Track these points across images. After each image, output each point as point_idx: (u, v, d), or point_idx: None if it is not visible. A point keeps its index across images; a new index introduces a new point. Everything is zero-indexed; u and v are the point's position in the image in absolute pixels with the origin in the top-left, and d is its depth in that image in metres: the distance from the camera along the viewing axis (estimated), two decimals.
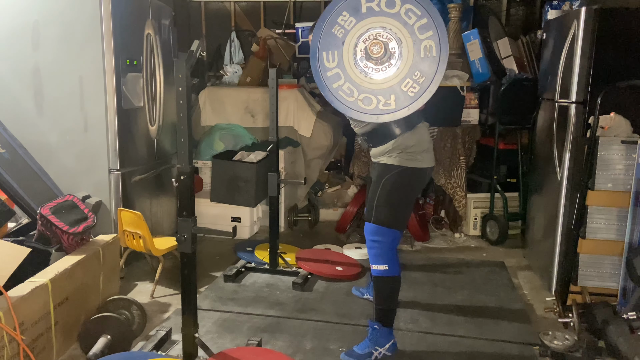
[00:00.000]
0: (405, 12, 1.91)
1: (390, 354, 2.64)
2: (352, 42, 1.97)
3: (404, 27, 1.92)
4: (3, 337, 2.10)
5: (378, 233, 2.58)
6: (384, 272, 2.59)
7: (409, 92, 1.98)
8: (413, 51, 1.93)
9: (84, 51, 3.35)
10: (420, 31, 1.91)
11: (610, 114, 2.96)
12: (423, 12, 1.90)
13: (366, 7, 1.93)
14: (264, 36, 5.37)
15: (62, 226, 2.80)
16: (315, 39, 2.01)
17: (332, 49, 2.00)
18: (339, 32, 1.98)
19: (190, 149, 2.16)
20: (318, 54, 2.01)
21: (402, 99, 1.99)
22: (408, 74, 1.96)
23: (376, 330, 2.63)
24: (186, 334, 2.30)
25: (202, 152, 4.75)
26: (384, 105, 2.02)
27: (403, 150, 2.52)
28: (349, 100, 2.03)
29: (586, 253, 3.06)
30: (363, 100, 2.03)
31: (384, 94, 2.00)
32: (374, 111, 2.04)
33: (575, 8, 3.46)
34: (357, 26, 1.96)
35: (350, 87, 2.02)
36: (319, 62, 2.01)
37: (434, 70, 1.94)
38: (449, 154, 4.38)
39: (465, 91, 4.34)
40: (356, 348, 2.65)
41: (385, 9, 1.91)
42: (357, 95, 2.02)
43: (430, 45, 1.92)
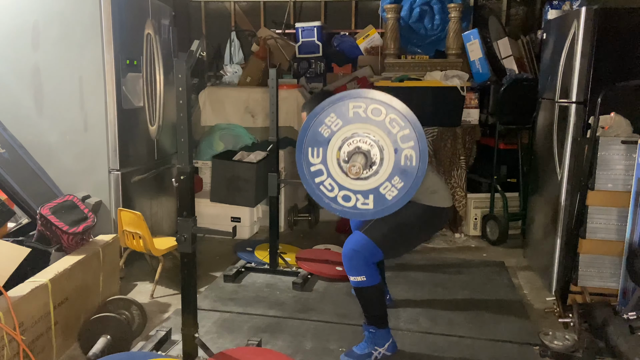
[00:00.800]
0: (389, 121, 2.00)
1: (390, 354, 2.64)
2: (337, 144, 2.07)
3: (387, 135, 2.02)
4: (3, 337, 2.10)
5: (363, 245, 2.54)
6: (362, 283, 2.55)
7: (387, 195, 2.08)
8: (394, 158, 2.03)
9: (84, 51, 3.35)
10: (402, 140, 2.01)
11: (610, 114, 2.96)
12: (406, 124, 1.99)
13: (353, 112, 2.02)
14: (264, 36, 5.37)
15: (62, 226, 2.79)
16: (302, 134, 2.11)
17: (318, 146, 2.09)
18: (326, 132, 2.07)
19: (190, 149, 2.16)
20: (303, 149, 2.10)
21: (380, 201, 2.10)
22: (388, 178, 2.06)
23: (373, 333, 2.63)
24: (186, 334, 2.30)
25: (202, 152, 4.75)
26: (362, 204, 2.11)
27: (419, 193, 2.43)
28: (329, 195, 2.13)
29: (586, 253, 3.06)
30: (342, 197, 2.12)
31: (363, 194, 2.10)
32: (352, 208, 2.13)
33: (575, 8, 3.47)
34: (344, 129, 2.05)
35: (332, 183, 2.11)
36: (304, 156, 2.11)
37: (412, 178, 2.04)
38: (449, 154, 4.38)
39: (465, 91, 4.34)
40: (356, 348, 2.64)
41: (371, 116, 2.01)
42: (338, 192, 2.12)
43: (410, 155, 2.01)
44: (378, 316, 2.64)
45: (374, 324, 2.63)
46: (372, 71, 5.22)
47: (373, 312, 2.63)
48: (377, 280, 2.57)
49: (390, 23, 4.76)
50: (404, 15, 4.92)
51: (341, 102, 2.03)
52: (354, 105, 2.02)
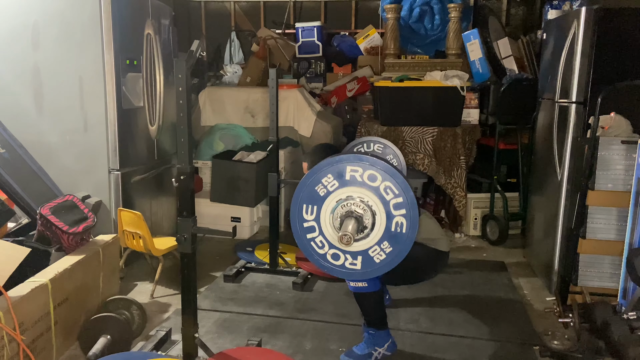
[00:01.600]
0: (384, 188, 2.05)
1: (390, 354, 2.65)
2: (332, 204, 2.12)
3: (381, 201, 2.06)
4: (3, 337, 2.10)
5: None
6: (362, 288, 2.56)
7: (375, 258, 2.13)
8: (385, 224, 2.08)
9: (84, 51, 3.35)
10: (395, 207, 2.06)
11: (610, 114, 2.95)
12: (400, 192, 2.04)
13: (350, 175, 2.07)
14: (264, 36, 5.38)
15: (62, 226, 2.79)
16: (299, 189, 2.16)
17: (312, 204, 2.14)
18: (321, 191, 2.12)
19: (190, 149, 2.16)
20: (298, 204, 2.17)
21: (368, 263, 2.14)
22: (377, 242, 2.11)
23: (372, 334, 2.65)
24: (186, 334, 2.30)
25: (202, 152, 4.75)
26: (350, 264, 2.16)
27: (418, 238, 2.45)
28: (319, 252, 2.18)
29: (586, 253, 3.06)
30: (332, 255, 2.17)
31: (352, 254, 2.15)
32: (340, 267, 2.18)
33: (575, 8, 3.47)
34: (339, 191, 2.10)
35: (323, 240, 2.16)
36: (298, 211, 2.18)
37: (402, 244, 2.09)
38: (449, 154, 4.38)
39: (465, 91, 4.34)
40: (356, 348, 2.65)
41: (367, 181, 2.06)
42: (328, 250, 2.16)
43: (401, 222, 2.06)
44: (378, 319, 2.66)
45: (373, 326, 2.65)
46: (372, 71, 5.23)
47: (373, 317, 2.66)
48: (377, 287, 2.59)
49: (390, 23, 4.76)
50: (404, 15, 4.92)
51: (340, 164, 2.08)
52: (351, 169, 2.07)
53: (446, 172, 4.39)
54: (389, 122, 4.45)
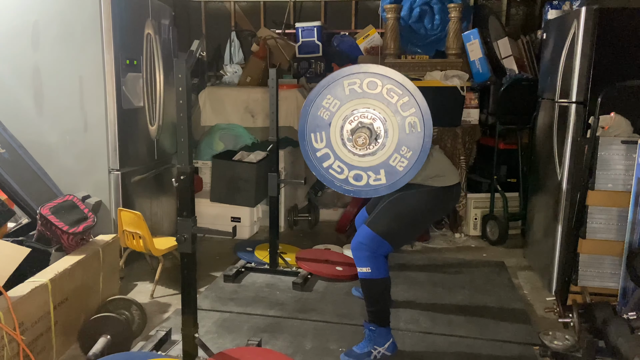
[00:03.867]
0: (387, 92, 1.98)
1: (390, 354, 2.63)
2: (339, 124, 2.05)
3: (387, 106, 1.99)
4: (3, 337, 2.10)
5: (370, 238, 2.52)
6: (367, 274, 2.54)
7: (397, 166, 2.07)
8: (398, 128, 2.01)
9: (84, 51, 3.35)
10: (403, 109, 1.99)
11: (610, 114, 2.96)
12: (404, 91, 1.97)
13: (349, 89, 2.00)
14: (264, 36, 5.37)
15: (62, 226, 2.80)
16: (302, 121, 2.09)
17: (320, 131, 2.08)
18: (325, 115, 2.05)
19: (190, 149, 2.16)
20: (306, 136, 2.09)
21: (392, 174, 2.08)
22: (395, 149, 2.04)
23: (373, 332, 2.62)
24: (186, 334, 2.30)
25: (202, 152, 4.75)
26: (374, 180, 2.10)
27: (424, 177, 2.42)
28: (340, 178, 2.11)
29: (586, 253, 3.06)
30: (354, 177, 2.11)
31: (374, 169, 2.08)
32: (365, 187, 2.11)
33: (575, 8, 3.46)
34: (342, 108, 2.04)
35: (341, 165, 2.10)
36: (308, 143, 2.10)
37: (420, 144, 2.02)
38: (449, 154, 4.37)
39: (465, 91, 4.34)
40: (355, 348, 2.64)
41: (368, 90, 1.99)
42: (348, 173, 2.10)
43: (414, 122, 2.00)
44: (379, 312, 2.61)
45: (374, 320, 2.61)
46: None
47: (375, 307, 2.60)
48: (383, 274, 2.55)
49: (390, 23, 4.76)
50: (404, 15, 4.91)
51: (335, 82, 2.01)
52: (348, 82, 2.00)
53: None
54: None
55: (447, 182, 2.56)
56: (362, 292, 2.65)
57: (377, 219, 2.53)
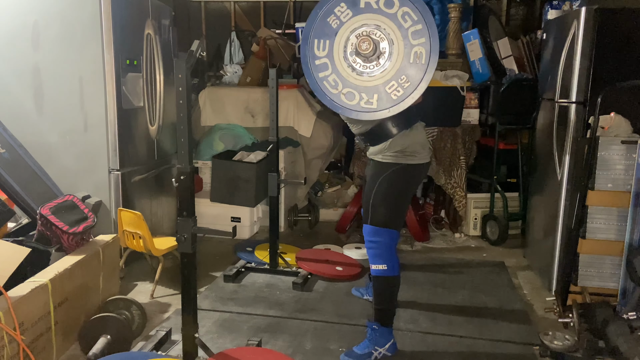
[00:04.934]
0: (402, 14, 1.89)
1: (391, 354, 2.64)
2: (345, 35, 1.96)
3: (399, 29, 1.91)
4: (3, 337, 2.10)
5: (376, 234, 2.59)
6: (382, 271, 2.59)
7: (392, 94, 1.98)
8: (403, 55, 1.93)
9: (84, 51, 3.35)
10: (414, 36, 1.90)
11: (610, 114, 2.96)
12: (419, 18, 1.88)
13: (365, 2, 1.91)
14: (264, 36, 5.37)
15: (62, 226, 2.80)
16: (309, 23, 2.00)
17: (325, 38, 1.98)
18: (334, 23, 1.96)
19: (190, 149, 2.16)
20: (310, 40, 1.99)
21: (385, 100, 2.00)
22: (394, 76, 1.96)
23: (375, 331, 2.63)
24: (186, 334, 2.30)
25: (202, 152, 4.75)
26: (365, 103, 2.02)
27: (399, 149, 2.55)
28: (332, 92, 2.03)
29: (586, 253, 3.06)
30: (346, 95, 2.02)
31: (368, 92, 2.00)
32: (354, 107, 2.03)
33: (575, 8, 3.46)
34: (353, 20, 1.95)
35: (336, 79, 2.01)
36: (310, 48, 2.00)
37: (420, 78, 1.94)
38: (449, 154, 4.38)
39: (465, 91, 4.34)
40: (356, 348, 2.64)
41: (383, 7, 1.90)
42: (341, 89, 2.02)
43: (420, 52, 1.91)
44: (386, 310, 2.65)
45: (379, 319, 2.64)
46: None
47: (383, 305, 2.64)
48: (396, 272, 2.60)
49: None
50: None
51: None
52: None
53: (446, 172, 4.39)
54: None
55: (421, 160, 2.64)
56: (373, 289, 2.68)
57: (374, 212, 2.60)
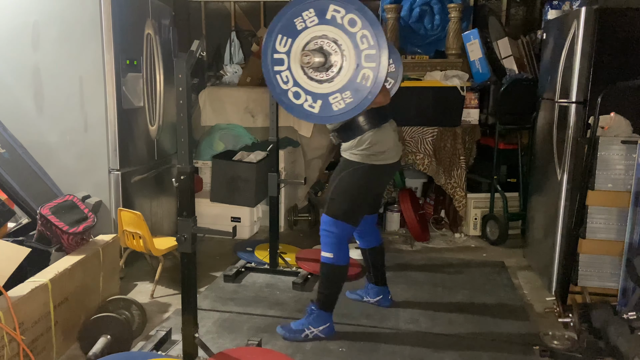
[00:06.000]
0: (361, 36, 1.99)
1: (324, 336, 2.77)
2: (306, 39, 2.05)
3: (354, 48, 2.01)
4: (3, 337, 2.10)
5: (331, 224, 2.75)
6: (329, 259, 2.76)
7: (334, 105, 2.08)
8: (352, 73, 2.02)
9: (84, 51, 3.35)
10: (366, 59, 2.00)
11: (610, 114, 2.96)
12: (375, 44, 1.98)
13: (332, 14, 2.01)
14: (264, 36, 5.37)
15: (62, 226, 2.80)
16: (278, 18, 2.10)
17: (287, 36, 2.08)
18: (299, 24, 2.05)
19: (190, 149, 2.16)
20: (274, 33, 2.09)
21: (326, 109, 2.09)
22: (340, 90, 2.05)
23: (313, 312, 2.79)
24: (186, 334, 2.30)
25: (202, 152, 4.75)
26: (309, 106, 2.11)
27: (367, 147, 2.70)
28: (282, 87, 2.12)
29: (586, 253, 3.06)
30: (294, 93, 2.11)
31: (313, 96, 2.09)
32: (297, 108, 2.12)
33: (575, 8, 3.46)
34: (317, 27, 2.04)
35: (288, 76, 2.10)
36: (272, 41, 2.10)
37: (361, 98, 2.03)
38: (449, 154, 4.38)
39: (465, 91, 4.34)
40: (292, 324, 2.81)
41: (346, 25, 2.00)
42: (291, 86, 2.11)
43: (368, 75, 2.01)
44: (328, 296, 2.79)
45: (319, 302, 2.80)
46: None
47: (326, 291, 2.80)
48: (342, 262, 2.77)
49: (390, 23, 4.76)
50: (404, 15, 4.91)
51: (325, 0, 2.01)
52: (334, 8, 2.00)
53: (446, 172, 4.39)
54: None
55: (388, 160, 2.77)
56: (320, 273, 2.84)
57: (331, 204, 2.76)
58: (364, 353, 2.68)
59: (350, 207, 2.75)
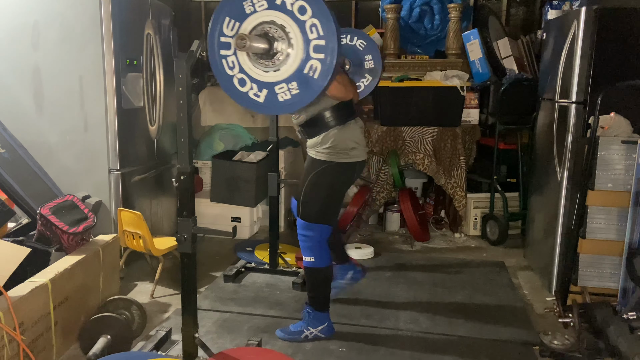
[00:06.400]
0: (310, 25, 1.89)
1: (324, 336, 2.77)
2: (253, 23, 1.95)
3: (302, 37, 1.91)
4: (3, 337, 2.10)
5: (307, 228, 2.72)
6: (311, 263, 2.74)
7: (279, 96, 2.00)
8: (299, 63, 1.93)
9: (84, 51, 3.35)
10: (315, 50, 1.90)
11: (610, 114, 2.95)
12: (325, 35, 1.88)
13: (281, 0, 1.90)
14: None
15: (62, 226, 2.80)
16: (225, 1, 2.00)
17: (235, 19, 1.97)
18: (248, 8, 1.95)
19: (190, 149, 2.16)
20: (222, 15, 1.99)
21: (271, 99, 2.01)
22: (286, 80, 1.96)
23: (309, 314, 2.79)
24: (186, 334, 2.30)
25: (202, 152, 4.75)
26: (254, 94, 2.03)
27: (331, 145, 2.68)
28: (228, 73, 2.04)
29: (586, 253, 3.06)
30: (239, 80, 2.04)
31: (259, 85, 2.01)
32: (243, 96, 2.05)
33: (575, 8, 3.46)
34: (265, 12, 1.93)
35: (235, 61, 2.02)
36: (220, 24, 2.00)
37: (309, 90, 1.94)
38: (449, 154, 4.38)
39: (465, 91, 4.34)
40: (291, 326, 2.81)
41: (296, 12, 1.90)
42: (236, 72, 2.03)
43: (316, 67, 1.91)
44: (319, 297, 2.79)
45: (313, 304, 2.79)
46: None
47: (314, 293, 2.80)
48: (325, 263, 2.75)
49: (390, 23, 4.76)
50: (404, 15, 4.91)
51: None
52: None
53: (446, 172, 4.39)
54: (389, 122, 4.45)
55: (354, 158, 2.75)
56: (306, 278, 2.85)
57: (304, 208, 2.74)
58: (364, 353, 2.68)
59: (323, 208, 2.73)
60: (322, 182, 2.71)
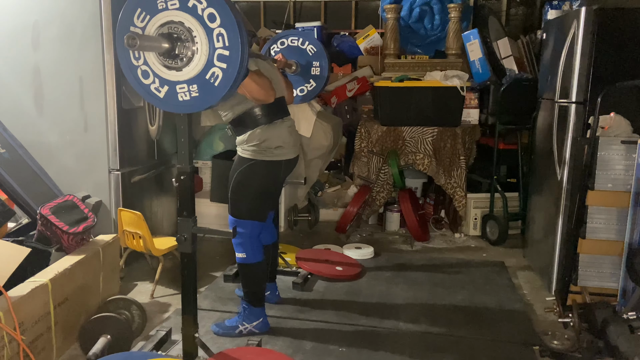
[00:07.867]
0: (217, 33, 1.91)
1: (259, 332, 2.82)
2: (162, 21, 1.96)
3: (208, 43, 1.93)
4: (3, 337, 2.10)
5: (240, 225, 2.75)
6: (243, 259, 2.78)
7: (179, 95, 2.02)
8: (201, 68, 1.95)
9: (84, 51, 3.35)
10: (219, 58, 1.92)
11: (610, 114, 2.96)
12: (231, 47, 1.90)
13: (193, 3, 1.91)
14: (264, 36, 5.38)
15: (62, 226, 2.80)
16: None
17: (146, 12, 1.98)
18: (160, 4, 1.96)
19: (190, 149, 2.16)
20: (134, 5, 2.00)
21: (170, 97, 2.03)
22: (187, 81, 1.98)
23: (245, 309, 2.83)
24: (186, 334, 2.30)
25: (202, 152, 4.75)
26: (155, 89, 2.04)
27: (257, 143, 2.72)
28: (134, 64, 2.04)
29: (586, 253, 3.06)
30: (143, 72, 2.04)
31: (161, 82, 2.02)
32: (144, 88, 2.05)
33: (575, 8, 3.46)
34: (176, 12, 1.94)
35: (140, 53, 2.02)
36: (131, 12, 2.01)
37: (208, 96, 1.97)
38: (449, 154, 4.38)
39: (465, 91, 4.34)
40: (227, 321, 2.88)
41: (206, 18, 1.92)
42: (141, 64, 2.03)
43: (217, 75, 1.93)
44: (253, 293, 2.83)
45: (248, 300, 2.83)
46: (372, 71, 5.22)
47: (249, 288, 2.83)
48: (258, 259, 2.79)
49: (390, 23, 4.76)
50: (404, 15, 4.92)
51: None
52: None
53: (446, 172, 4.39)
54: (389, 122, 4.45)
55: (281, 156, 2.80)
56: (239, 274, 2.88)
57: (233, 205, 2.78)
58: (364, 353, 2.68)
59: (252, 204, 2.77)
60: (249, 180, 2.75)
